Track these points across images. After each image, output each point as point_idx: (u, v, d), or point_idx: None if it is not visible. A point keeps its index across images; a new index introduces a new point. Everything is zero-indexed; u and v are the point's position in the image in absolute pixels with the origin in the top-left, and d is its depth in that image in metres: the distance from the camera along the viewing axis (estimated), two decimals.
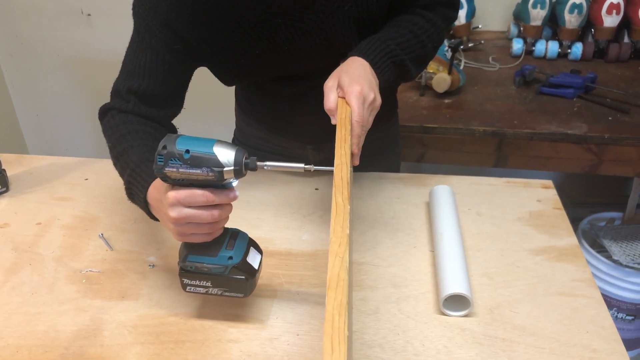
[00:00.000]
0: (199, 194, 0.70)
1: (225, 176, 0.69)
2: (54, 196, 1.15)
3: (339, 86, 0.84)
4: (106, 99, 0.95)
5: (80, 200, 1.14)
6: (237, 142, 1.29)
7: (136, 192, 0.82)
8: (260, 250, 0.82)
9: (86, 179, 1.20)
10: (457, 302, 0.84)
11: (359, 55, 0.89)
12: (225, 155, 0.69)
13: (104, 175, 1.21)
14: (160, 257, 0.97)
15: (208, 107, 2.24)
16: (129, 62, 0.92)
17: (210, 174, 0.69)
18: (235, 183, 0.73)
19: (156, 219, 0.82)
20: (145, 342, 0.81)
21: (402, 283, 0.90)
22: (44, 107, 2.56)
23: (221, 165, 0.68)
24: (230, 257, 0.76)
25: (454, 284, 0.84)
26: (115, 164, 0.89)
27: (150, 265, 0.95)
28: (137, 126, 0.90)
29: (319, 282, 0.91)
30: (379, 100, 0.85)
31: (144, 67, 0.90)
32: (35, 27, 2.31)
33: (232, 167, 0.69)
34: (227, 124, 1.37)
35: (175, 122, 0.99)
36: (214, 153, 0.68)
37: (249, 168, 0.71)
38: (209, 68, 0.99)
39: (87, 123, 2.57)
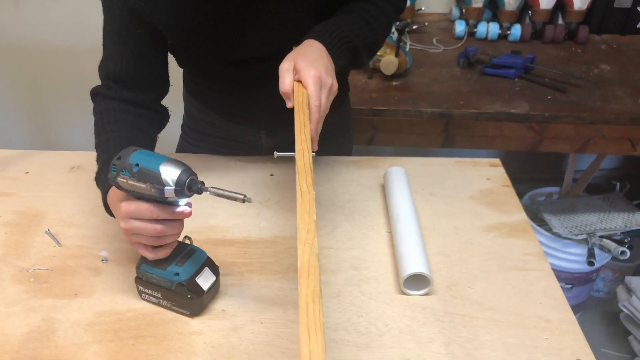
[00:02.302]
0: (145, 209, 0.72)
1: (166, 194, 0.70)
2: None
3: (295, 69, 0.83)
4: (36, 87, 0.93)
5: (22, 195, 1.07)
6: (187, 128, 1.26)
7: (100, 191, 0.84)
8: (216, 272, 0.83)
9: (27, 172, 1.13)
10: (416, 281, 0.86)
11: (314, 39, 0.88)
12: (170, 174, 0.69)
13: (46, 168, 1.15)
14: (113, 251, 0.94)
15: None
16: (105, 44, 0.93)
17: (153, 190, 0.70)
18: (182, 202, 0.74)
19: None
20: (103, 340, 0.78)
21: (362, 265, 0.91)
22: None
23: (162, 184, 0.69)
24: (177, 274, 0.78)
25: (414, 264, 0.85)
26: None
27: (102, 260, 0.92)
28: (119, 115, 0.90)
29: (279, 269, 0.90)
30: (336, 85, 0.85)
31: (115, 51, 0.91)
32: None
33: (173, 187, 0.69)
34: (175, 109, 1.31)
35: None
36: (158, 170, 0.69)
37: (192, 190, 0.71)
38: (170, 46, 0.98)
39: (17, 113, 2.40)
